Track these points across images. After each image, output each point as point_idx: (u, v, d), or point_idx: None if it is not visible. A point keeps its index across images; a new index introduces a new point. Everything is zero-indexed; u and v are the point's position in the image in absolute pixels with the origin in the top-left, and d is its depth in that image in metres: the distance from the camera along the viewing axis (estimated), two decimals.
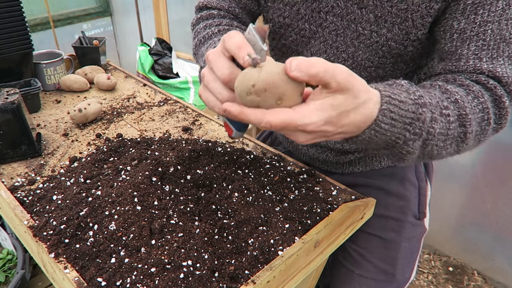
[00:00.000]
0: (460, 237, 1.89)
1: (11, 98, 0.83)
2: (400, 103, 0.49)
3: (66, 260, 0.59)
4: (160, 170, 0.73)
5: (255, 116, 0.45)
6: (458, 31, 0.62)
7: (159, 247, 0.60)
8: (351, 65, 0.74)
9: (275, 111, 0.45)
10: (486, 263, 1.83)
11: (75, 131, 1.00)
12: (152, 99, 1.21)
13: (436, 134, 0.53)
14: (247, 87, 0.45)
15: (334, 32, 0.73)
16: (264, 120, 0.44)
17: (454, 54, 0.63)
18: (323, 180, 0.84)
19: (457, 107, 0.55)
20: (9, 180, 0.81)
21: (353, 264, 0.91)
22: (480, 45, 0.60)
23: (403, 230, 0.89)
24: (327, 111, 0.45)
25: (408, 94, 0.51)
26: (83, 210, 0.65)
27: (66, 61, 1.32)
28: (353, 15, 0.69)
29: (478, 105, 0.57)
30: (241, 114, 0.46)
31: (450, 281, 1.85)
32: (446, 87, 0.58)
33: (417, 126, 0.50)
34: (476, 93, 0.58)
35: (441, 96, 0.55)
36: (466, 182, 1.77)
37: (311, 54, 0.78)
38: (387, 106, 0.48)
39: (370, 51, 0.71)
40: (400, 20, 0.66)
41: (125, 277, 0.56)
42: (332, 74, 0.43)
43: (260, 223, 0.67)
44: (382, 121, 0.48)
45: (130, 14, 2.99)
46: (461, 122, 0.55)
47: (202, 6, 0.87)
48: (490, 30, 0.59)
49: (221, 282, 0.57)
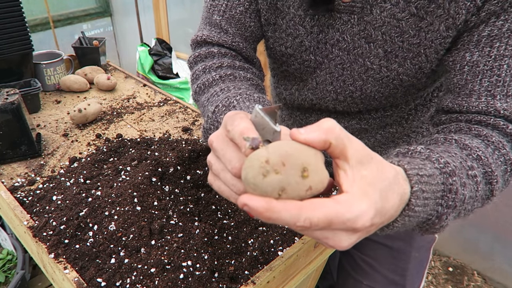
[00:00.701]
0: (460, 237, 1.89)
1: (11, 99, 0.83)
2: (429, 178, 0.42)
3: (66, 261, 0.59)
4: (160, 170, 0.73)
5: (289, 213, 0.32)
6: (470, 64, 0.57)
7: (159, 247, 0.60)
8: (360, 96, 0.70)
9: (313, 203, 0.33)
10: (486, 263, 1.83)
11: (75, 132, 1.00)
12: (152, 99, 1.21)
13: (466, 200, 0.46)
14: (260, 167, 0.34)
15: (340, 65, 0.68)
16: (302, 218, 0.32)
17: (464, 88, 0.58)
18: None
19: (481, 164, 0.50)
20: (9, 180, 0.81)
21: (361, 275, 0.89)
22: (494, 81, 0.55)
23: (413, 239, 0.87)
24: (369, 194, 0.35)
25: (432, 163, 0.45)
26: (83, 211, 0.65)
27: (66, 62, 1.32)
28: (360, 49, 0.64)
29: (500, 157, 0.52)
30: (268, 211, 0.32)
31: (450, 281, 1.85)
32: (464, 142, 0.52)
33: (450, 198, 0.44)
34: (496, 144, 0.53)
35: (462, 155, 0.49)
36: None
37: (317, 83, 0.74)
38: (418, 186, 0.40)
39: (380, 84, 0.67)
40: (412, 55, 0.61)
41: (125, 278, 0.56)
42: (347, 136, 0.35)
43: (260, 224, 0.67)
44: (416, 204, 0.40)
45: (130, 15, 2.99)
46: (487, 180, 0.51)
47: (201, 41, 0.75)
48: (506, 65, 0.54)
49: (221, 283, 0.57)
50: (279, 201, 0.33)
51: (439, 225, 0.46)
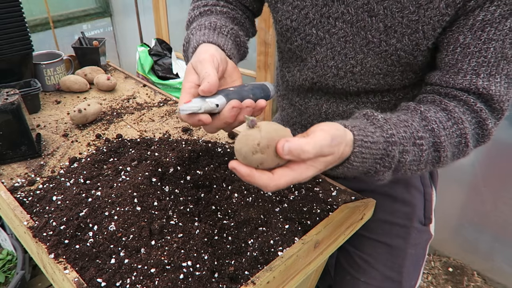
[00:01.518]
0: (459, 237, 1.89)
1: (11, 99, 0.83)
2: (372, 144, 0.56)
3: (66, 261, 0.59)
4: (160, 170, 0.73)
5: (263, 181, 0.49)
6: (462, 45, 0.62)
7: (158, 247, 0.60)
8: (360, 71, 0.73)
9: (278, 175, 0.50)
10: (486, 263, 1.83)
11: (75, 132, 1.00)
12: (152, 99, 1.21)
13: (407, 163, 0.59)
14: (253, 147, 0.49)
15: (343, 38, 0.71)
16: (271, 184, 0.49)
17: (454, 67, 0.64)
18: (323, 180, 0.84)
19: (432, 135, 0.61)
20: (9, 180, 0.81)
21: (358, 271, 0.90)
22: (481, 62, 0.61)
23: (409, 237, 0.88)
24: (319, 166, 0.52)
25: (382, 131, 0.57)
26: (83, 211, 0.65)
27: (66, 62, 1.32)
28: (363, 22, 0.68)
29: (457, 131, 0.62)
30: (249, 177, 0.49)
31: (450, 281, 1.85)
32: (427, 114, 0.62)
33: (387, 161, 0.57)
34: (457, 119, 0.62)
35: (418, 125, 0.61)
36: (465, 182, 1.77)
37: (316, 61, 0.77)
38: (358, 149, 0.55)
39: (379, 59, 0.70)
40: (410, 31, 0.64)
41: (125, 278, 0.56)
42: (320, 152, 0.50)
43: (260, 224, 0.67)
44: (354, 160, 0.55)
45: (130, 15, 2.99)
46: (435, 148, 0.62)
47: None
48: (493, 48, 0.60)
49: (221, 283, 0.57)
50: (257, 171, 0.49)
51: (377, 178, 0.60)
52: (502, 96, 0.62)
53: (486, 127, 0.64)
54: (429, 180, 0.93)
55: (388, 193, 0.89)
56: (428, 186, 0.92)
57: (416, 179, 0.90)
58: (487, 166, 1.68)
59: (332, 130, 0.52)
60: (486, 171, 1.69)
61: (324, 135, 0.51)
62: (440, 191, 0.96)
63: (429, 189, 0.91)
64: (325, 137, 0.50)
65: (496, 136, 0.64)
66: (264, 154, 0.49)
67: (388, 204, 0.88)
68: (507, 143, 1.57)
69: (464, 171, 1.75)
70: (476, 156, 1.69)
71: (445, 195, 1.84)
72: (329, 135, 0.51)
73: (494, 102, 0.63)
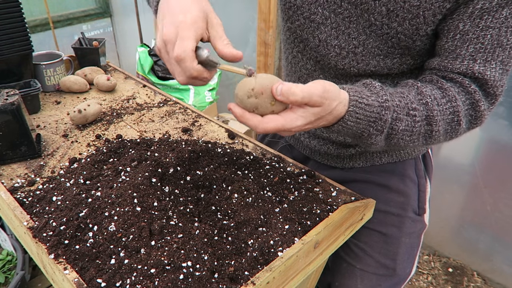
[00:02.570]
0: (459, 238, 1.89)
1: (10, 99, 0.83)
2: (366, 106, 0.60)
3: (65, 261, 0.59)
4: (159, 171, 0.73)
5: (253, 122, 0.57)
6: (461, 32, 0.65)
7: (158, 248, 0.60)
8: (361, 52, 0.75)
9: (268, 119, 0.57)
10: (485, 264, 1.83)
11: (75, 132, 1.00)
12: (151, 100, 1.21)
13: (400, 131, 0.64)
14: (247, 91, 0.56)
15: (347, 18, 0.73)
16: (260, 126, 0.57)
17: (452, 53, 0.67)
18: (323, 181, 0.84)
19: (426, 109, 0.64)
20: (8, 181, 0.81)
21: (354, 259, 0.92)
22: (478, 48, 0.65)
23: (404, 226, 0.90)
24: (308, 117, 0.57)
25: (377, 96, 0.61)
26: (83, 211, 0.65)
27: (66, 62, 1.32)
28: (366, 5, 0.70)
29: (450, 108, 0.66)
30: (242, 117, 0.57)
31: (450, 282, 1.85)
32: (422, 89, 0.66)
33: (379, 124, 0.61)
34: (451, 97, 0.66)
35: (414, 98, 0.65)
36: (465, 183, 1.78)
37: (319, 41, 0.78)
38: (353, 108, 0.60)
39: (380, 40, 0.72)
40: (411, 16, 0.66)
41: (124, 278, 0.56)
42: (309, 98, 0.55)
43: (259, 224, 0.67)
44: (348, 119, 0.60)
45: (130, 15, 2.99)
46: (428, 122, 0.65)
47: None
48: (489, 35, 0.63)
49: (221, 283, 0.57)
50: (250, 114, 0.57)
51: (370, 141, 0.64)
52: (496, 81, 0.66)
53: (479, 109, 0.67)
54: (424, 172, 0.94)
55: (383, 183, 0.91)
56: (423, 177, 0.93)
57: (411, 170, 0.92)
58: (487, 166, 1.68)
59: (326, 83, 0.57)
60: (486, 171, 1.69)
61: (316, 85, 0.56)
62: (440, 192, 0.96)
63: (423, 180, 0.93)
64: (317, 87, 0.55)
65: (496, 136, 0.65)
66: (258, 99, 0.56)
67: (383, 194, 0.90)
68: (507, 144, 1.57)
69: (464, 171, 1.75)
70: (476, 156, 1.70)
71: (445, 195, 1.84)
72: (322, 86, 0.56)
73: (488, 86, 0.66)
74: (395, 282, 0.92)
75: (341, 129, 0.62)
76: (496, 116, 1.55)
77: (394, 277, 0.91)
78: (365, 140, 0.64)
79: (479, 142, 1.67)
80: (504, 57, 0.65)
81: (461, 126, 0.67)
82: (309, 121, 0.58)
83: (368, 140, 0.64)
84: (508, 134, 1.56)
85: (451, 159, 1.79)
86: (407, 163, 0.91)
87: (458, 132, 0.68)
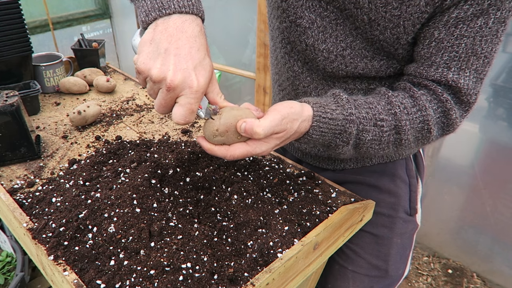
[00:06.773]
0: (459, 239, 1.89)
1: (10, 101, 0.83)
2: (330, 120, 0.64)
3: (65, 263, 0.59)
4: (159, 172, 0.73)
5: (221, 152, 0.63)
6: (436, 40, 0.66)
7: (158, 249, 0.60)
8: (349, 54, 0.75)
9: (234, 147, 0.62)
10: (485, 265, 1.83)
11: (74, 134, 1.00)
12: (151, 101, 1.21)
13: (367, 141, 0.67)
14: (212, 132, 0.62)
15: (334, 21, 0.73)
16: (228, 154, 0.62)
17: (428, 60, 0.68)
18: (323, 182, 0.84)
19: (395, 119, 0.67)
20: (8, 182, 0.80)
21: (346, 261, 0.92)
22: (452, 56, 0.66)
23: (395, 226, 0.90)
24: (273, 142, 0.63)
25: (343, 109, 0.65)
26: (82, 213, 0.65)
27: (66, 64, 1.32)
28: (350, 12, 0.70)
29: (420, 117, 0.68)
30: (210, 150, 0.63)
31: (450, 283, 1.85)
32: (393, 99, 0.68)
33: (345, 136, 0.65)
34: (421, 106, 0.68)
35: (382, 109, 0.68)
36: (465, 184, 1.78)
37: (306, 45, 0.77)
38: (317, 123, 0.64)
39: (366, 42, 0.73)
40: (392, 25, 0.67)
41: (124, 280, 0.56)
42: (271, 132, 0.60)
43: (259, 226, 0.67)
44: (312, 133, 0.65)
45: (129, 17, 2.99)
46: (397, 131, 0.68)
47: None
48: (464, 44, 0.64)
49: (220, 285, 0.57)
50: (217, 146, 0.63)
51: (338, 151, 0.69)
52: (470, 89, 0.67)
53: (451, 117, 0.68)
54: (415, 172, 0.94)
55: (374, 184, 0.91)
56: (414, 177, 0.93)
57: (401, 171, 0.92)
58: (486, 168, 1.69)
59: (285, 109, 0.61)
60: (486, 173, 1.69)
61: (275, 116, 0.60)
62: (439, 193, 0.96)
63: (414, 180, 0.93)
64: (275, 118, 0.60)
65: (496, 138, 0.65)
66: (223, 137, 0.61)
67: (374, 194, 0.90)
68: (507, 145, 1.57)
69: (463, 173, 1.75)
70: (475, 158, 1.70)
71: (444, 197, 1.84)
72: (280, 115, 0.60)
73: (462, 94, 0.67)
74: (388, 283, 0.92)
75: (307, 141, 0.67)
76: (496, 117, 1.55)
77: (387, 278, 0.91)
78: (334, 149, 0.68)
79: (478, 144, 1.67)
80: (478, 65, 0.66)
81: (432, 133, 0.69)
82: (275, 144, 0.63)
83: (336, 150, 0.68)
84: (507, 136, 1.56)
85: (450, 161, 1.79)
86: (397, 164, 0.91)
87: (430, 138, 0.70)
